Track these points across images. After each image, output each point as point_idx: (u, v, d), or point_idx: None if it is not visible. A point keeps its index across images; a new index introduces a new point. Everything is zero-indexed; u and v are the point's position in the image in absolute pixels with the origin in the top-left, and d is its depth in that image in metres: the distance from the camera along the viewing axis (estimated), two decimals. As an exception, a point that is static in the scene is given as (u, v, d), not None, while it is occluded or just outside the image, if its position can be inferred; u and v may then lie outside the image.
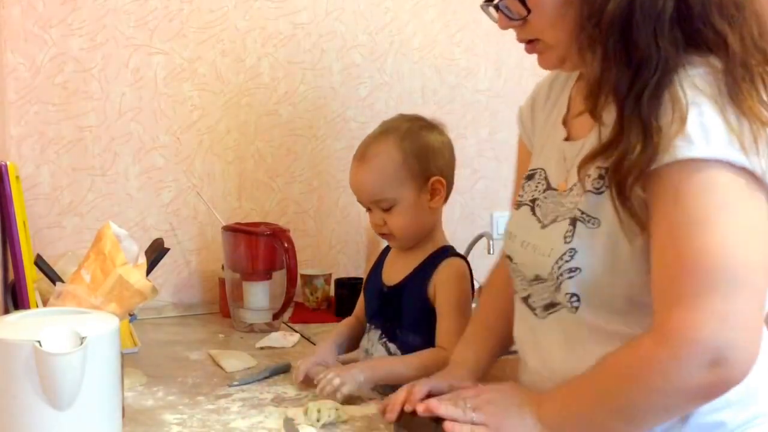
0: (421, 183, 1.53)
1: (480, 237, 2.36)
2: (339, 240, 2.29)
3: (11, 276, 1.74)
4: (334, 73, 2.24)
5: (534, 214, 1.19)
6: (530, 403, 1.09)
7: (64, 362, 1.03)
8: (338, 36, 2.24)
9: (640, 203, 1.00)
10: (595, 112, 1.05)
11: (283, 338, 1.81)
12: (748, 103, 0.98)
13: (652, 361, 0.97)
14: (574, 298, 1.09)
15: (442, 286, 1.53)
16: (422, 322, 1.53)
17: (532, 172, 1.24)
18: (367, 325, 1.63)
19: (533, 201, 1.20)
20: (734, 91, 0.99)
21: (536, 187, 1.21)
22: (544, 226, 1.16)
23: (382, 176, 1.52)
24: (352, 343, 1.65)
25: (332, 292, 2.16)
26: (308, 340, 1.85)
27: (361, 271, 2.28)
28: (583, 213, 1.08)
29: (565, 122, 1.21)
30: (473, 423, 1.09)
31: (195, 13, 2.09)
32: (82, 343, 1.05)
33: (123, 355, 1.22)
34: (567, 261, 1.08)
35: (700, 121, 0.96)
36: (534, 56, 1.18)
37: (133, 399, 1.44)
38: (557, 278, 1.10)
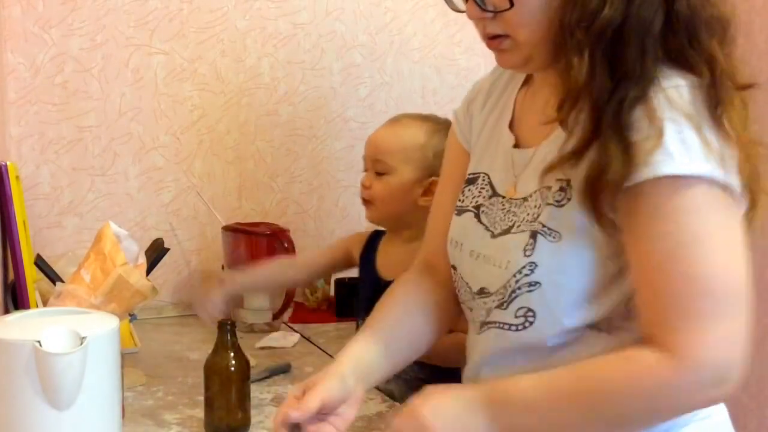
0: (422, 176, 1.54)
1: (480, 237, 2.36)
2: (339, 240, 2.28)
3: (11, 276, 1.74)
4: (334, 73, 2.24)
5: (480, 221, 1.14)
6: (473, 412, 1.01)
7: (64, 362, 1.03)
8: (338, 36, 2.24)
9: (612, 219, 0.98)
10: (567, 121, 1.02)
11: (283, 338, 1.81)
12: (724, 122, 0.97)
13: (663, 383, 0.95)
14: (530, 314, 1.05)
15: None
16: None
17: (473, 176, 1.19)
18: (359, 321, 1.61)
19: (477, 207, 1.15)
20: (712, 108, 0.97)
21: (479, 192, 1.17)
22: (494, 236, 1.11)
23: (398, 143, 1.54)
24: None
25: (332, 292, 2.16)
26: (308, 340, 1.85)
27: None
28: (544, 226, 1.04)
29: (511, 127, 1.17)
30: None
31: (195, 13, 2.09)
32: (82, 343, 1.05)
33: (123, 355, 1.22)
34: (527, 275, 1.04)
35: (680, 138, 0.95)
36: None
37: (133, 399, 1.44)
38: (512, 293, 1.05)
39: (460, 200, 1.19)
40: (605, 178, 0.96)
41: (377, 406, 1.42)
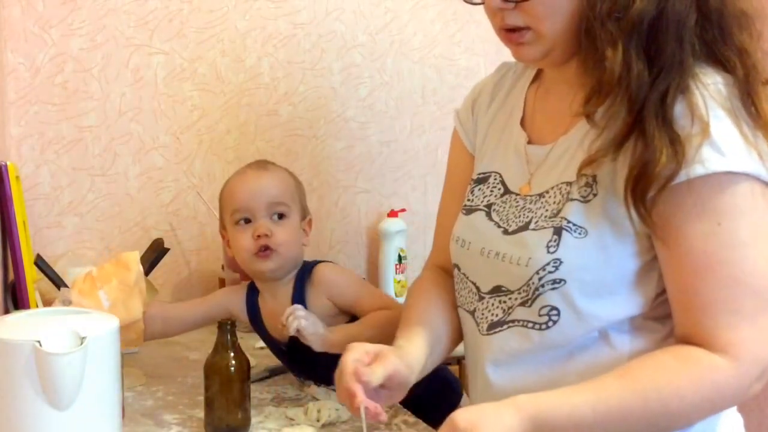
0: (301, 215, 1.49)
1: (480, 237, 2.36)
2: (339, 240, 2.28)
3: (11, 276, 1.74)
4: (334, 73, 2.24)
5: (491, 219, 1.13)
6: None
7: (64, 362, 1.03)
8: (338, 36, 2.24)
9: (647, 215, 0.98)
10: (594, 115, 1.01)
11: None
12: (762, 117, 0.98)
13: (725, 383, 0.97)
14: (554, 312, 1.03)
15: (334, 289, 1.46)
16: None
17: (483, 175, 1.18)
18: (299, 380, 1.54)
19: (489, 206, 1.14)
20: (748, 104, 0.98)
21: (491, 191, 1.15)
22: (508, 233, 1.09)
23: (285, 184, 1.48)
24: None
25: (332, 292, 2.16)
26: (308, 340, 1.85)
27: (360, 271, 2.28)
28: (568, 222, 1.03)
29: (523, 125, 1.16)
30: None
31: (195, 13, 2.09)
32: (82, 343, 1.05)
33: (123, 355, 1.22)
34: (551, 272, 1.02)
35: (726, 134, 0.95)
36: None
37: (133, 399, 1.44)
38: (535, 291, 1.04)
39: (468, 200, 1.18)
40: (652, 172, 0.95)
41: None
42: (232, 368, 1.29)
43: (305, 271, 1.47)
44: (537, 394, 0.98)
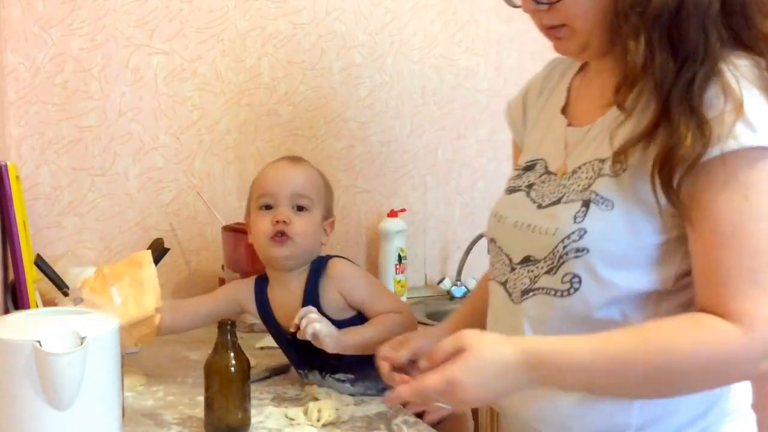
0: (324, 215, 1.51)
1: (480, 237, 2.36)
2: (339, 240, 2.28)
3: (11, 276, 1.74)
4: (334, 73, 2.24)
5: (529, 196, 1.19)
6: (515, 368, 1.01)
7: (64, 362, 1.03)
8: (338, 36, 2.24)
9: (676, 192, 1.01)
10: (624, 103, 1.06)
11: (283, 338, 1.81)
12: None
13: (735, 351, 0.98)
14: (576, 279, 1.08)
15: (345, 283, 1.47)
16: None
17: (531, 162, 1.23)
18: (299, 372, 1.55)
19: (530, 186, 1.20)
20: None
21: (535, 175, 1.21)
22: (541, 207, 1.15)
23: (312, 180, 1.50)
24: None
25: (332, 292, 2.16)
26: (308, 340, 1.85)
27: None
28: (597, 195, 1.08)
29: (564, 112, 1.22)
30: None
31: (195, 13, 2.09)
32: (82, 343, 1.05)
33: (123, 355, 1.22)
34: (575, 240, 1.07)
35: (758, 111, 0.99)
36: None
37: (133, 399, 1.44)
38: (560, 258, 1.08)
39: (514, 182, 1.24)
40: (677, 156, 0.99)
41: (377, 406, 1.42)
42: (232, 368, 1.29)
43: (321, 263, 1.49)
44: (542, 336, 1.07)
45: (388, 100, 2.31)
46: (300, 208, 1.47)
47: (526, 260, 1.14)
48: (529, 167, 1.23)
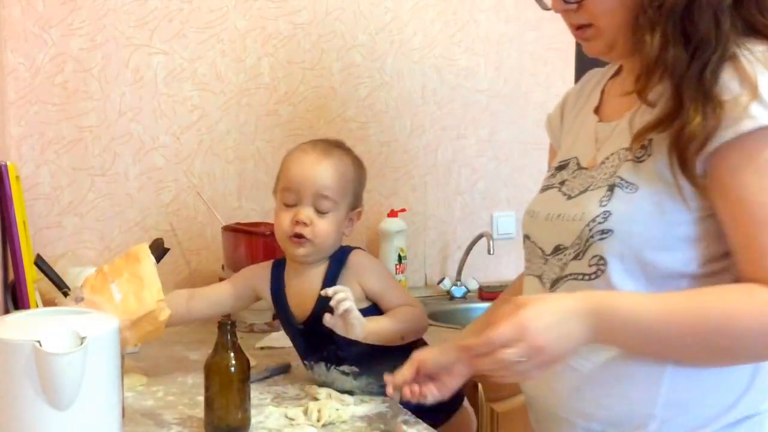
0: (351, 207, 1.49)
1: (480, 237, 2.36)
2: (339, 240, 2.29)
3: (11, 276, 1.74)
4: (334, 73, 2.24)
5: (560, 191, 1.22)
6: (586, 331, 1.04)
7: (64, 362, 1.03)
8: (338, 36, 2.24)
9: (698, 174, 1.04)
10: (644, 92, 1.09)
11: (283, 338, 1.80)
12: None
13: None
14: (602, 262, 1.10)
15: (365, 274, 1.47)
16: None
17: (564, 162, 1.26)
18: (305, 363, 1.53)
19: (562, 182, 1.23)
20: None
21: (568, 172, 1.24)
22: (570, 198, 1.18)
23: (340, 176, 1.46)
24: None
25: (332, 292, 2.16)
26: (308, 340, 1.85)
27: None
28: (621, 179, 1.11)
29: (596, 111, 1.26)
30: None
31: (195, 13, 2.09)
32: (82, 343, 1.05)
33: (123, 355, 1.22)
34: (600, 223, 1.09)
35: None
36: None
37: (133, 399, 1.44)
38: (586, 242, 1.11)
39: (548, 181, 1.27)
40: (686, 134, 1.03)
41: (378, 406, 1.42)
42: (232, 368, 1.29)
43: (342, 255, 1.49)
44: (603, 290, 1.09)
45: (388, 100, 2.31)
46: (323, 209, 1.45)
47: (557, 249, 1.17)
48: (562, 166, 1.26)
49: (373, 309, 1.47)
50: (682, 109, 1.04)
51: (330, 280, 1.46)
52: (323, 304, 1.39)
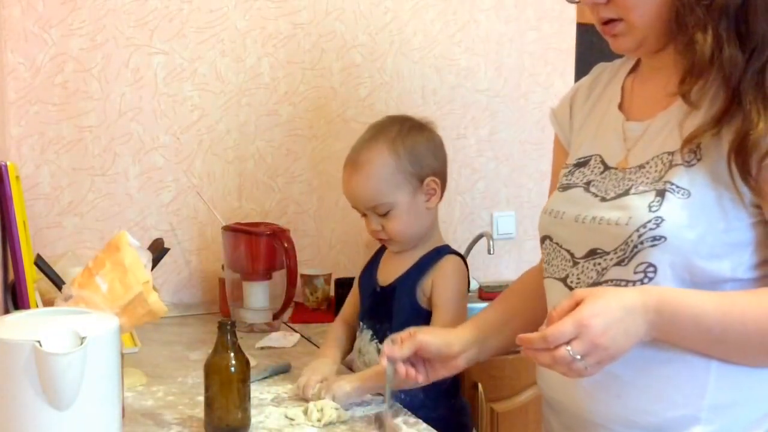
0: (416, 185, 1.52)
1: (480, 237, 2.36)
2: (339, 240, 2.29)
3: (11, 276, 1.74)
4: (334, 73, 2.24)
5: (588, 191, 1.18)
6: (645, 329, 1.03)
7: (64, 362, 1.03)
8: (338, 36, 2.24)
9: (753, 178, 1.03)
10: (689, 94, 1.08)
11: (283, 338, 1.81)
12: None
13: None
14: (650, 269, 1.07)
15: (440, 279, 1.52)
16: (412, 323, 1.47)
17: (584, 159, 1.23)
18: (360, 323, 1.62)
19: (588, 183, 1.20)
20: None
21: (591, 171, 1.21)
22: (605, 200, 1.15)
23: (378, 182, 1.50)
24: (349, 347, 1.64)
25: (332, 292, 2.16)
26: (308, 340, 1.85)
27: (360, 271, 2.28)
28: (672, 184, 1.08)
29: (620, 108, 1.23)
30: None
31: (195, 13, 2.09)
32: (82, 343, 1.05)
33: (123, 355, 1.22)
34: (652, 229, 1.06)
35: None
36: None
37: (133, 399, 1.44)
38: (633, 248, 1.08)
39: (566, 179, 1.24)
40: (750, 140, 1.02)
41: (377, 406, 1.42)
42: (232, 368, 1.29)
43: (439, 254, 1.55)
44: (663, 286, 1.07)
45: (388, 100, 2.31)
46: (381, 212, 1.52)
47: (592, 253, 1.14)
48: (581, 163, 1.23)
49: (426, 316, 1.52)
50: (739, 111, 1.03)
51: (419, 266, 1.54)
52: (405, 276, 1.54)
